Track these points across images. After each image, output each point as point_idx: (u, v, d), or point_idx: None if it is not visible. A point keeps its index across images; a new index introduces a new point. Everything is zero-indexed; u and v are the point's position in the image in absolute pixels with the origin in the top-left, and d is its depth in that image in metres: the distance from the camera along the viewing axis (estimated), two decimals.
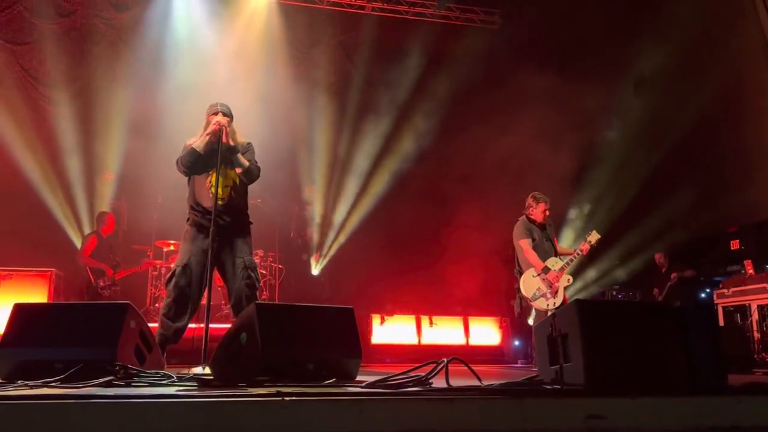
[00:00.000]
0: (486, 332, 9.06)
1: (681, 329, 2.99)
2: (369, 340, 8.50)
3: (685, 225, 9.56)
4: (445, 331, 8.91)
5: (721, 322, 7.95)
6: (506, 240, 6.85)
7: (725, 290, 8.11)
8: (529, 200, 6.58)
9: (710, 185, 9.46)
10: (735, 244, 9.90)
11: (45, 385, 2.71)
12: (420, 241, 10.13)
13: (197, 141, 4.59)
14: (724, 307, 8.04)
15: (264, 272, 8.59)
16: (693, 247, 9.97)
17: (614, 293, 9.90)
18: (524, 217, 6.59)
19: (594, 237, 6.31)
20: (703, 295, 9.42)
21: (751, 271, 7.99)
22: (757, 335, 7.41)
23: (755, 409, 2.59)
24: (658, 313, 3.13)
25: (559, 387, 2.82)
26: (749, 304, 7.63)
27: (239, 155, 4.60)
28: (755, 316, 7.49)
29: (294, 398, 2.19)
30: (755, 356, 7.18)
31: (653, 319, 3.05)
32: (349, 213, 10.34)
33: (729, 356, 6.67)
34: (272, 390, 2.46)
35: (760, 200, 9.42)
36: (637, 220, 9.77)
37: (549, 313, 4.86)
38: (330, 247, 10.22)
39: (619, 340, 2.83)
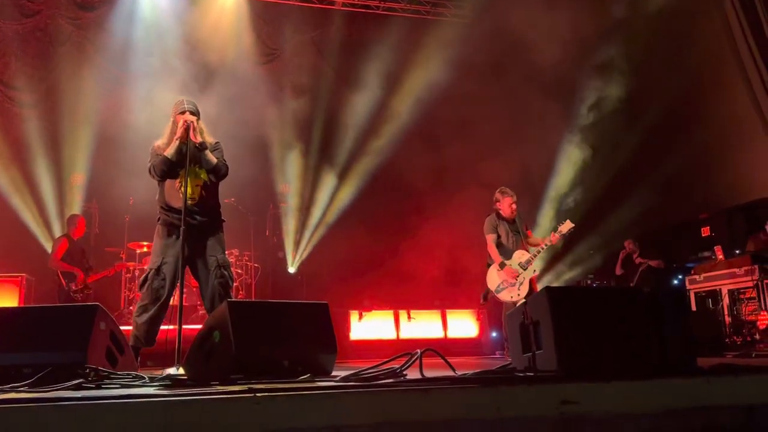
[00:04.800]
0: (463, 325, 9.10)
1: (652, 314, 3.03)
2: (347, 336, 8.48)
3: (654, 214, 9.70)
4: (423, 325, 8.93)
5: (694, 307, 8.09)
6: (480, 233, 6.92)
7: (697, 276, 8.25)
8: (497, 195, 6.76)
9: (681, 173, 9.62)
10: (706, 231, 10.08)
11: (13, 390, 2.65)
12: (396, 236, 10.14)
13: (168, 148, 4.52)
14: (696, 293, 8.17)
15: (240, 271, 8.53)
16: (665, 234, 10.12)
17: (589, 281, 10.03)
18: (494, 212, 6.73)
19: (566, 227, 6.42)
20: (675, 281, 9.57)
21: (721, 257, 8.14)
22: (728, 319, 7.55)
23: (724, 390, 2.64)
24: (629, 299, 3.17)
25: (532, 374, 2.84)
26: (720, 289, 7.76)
27: (207, 152, 4.55)
28: (726, 300, 7.63)
29: (266, 394, 2.18)
30: (726, 339, 7.32)
31: (624, 304, 3.08)
32: (325, 210, 10.31)
33: (701, 340, 6.80)
34: (244, 387, 2.44)
35: (729, 188, 9.61)
36: (609, 209, 9.89)
37: (518, 304, 4.94)
38: (306, 244, 10.18)
39: (590, 325, 2.86)
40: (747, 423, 2.61)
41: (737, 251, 8.31)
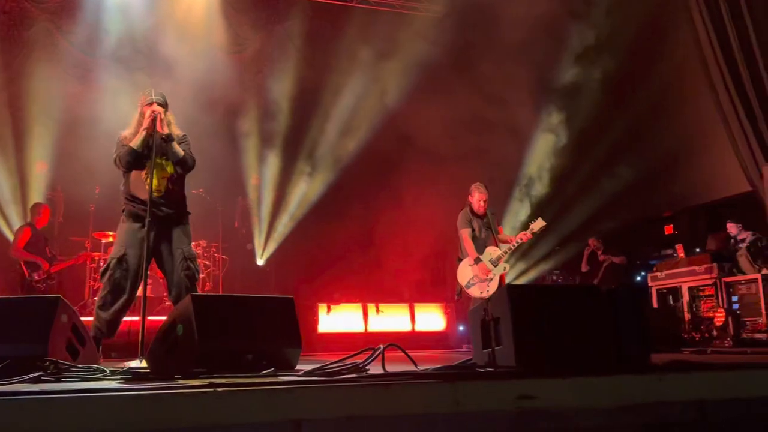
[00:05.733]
0: (431, 318, 9.19)
1: (610, 311, 3.10)
2: (315, 329, 8.50)
3: (619, 211, 9.88)
4: (391, 318, 9.00)
5: (655, 304, 8.27)
6: (452, 228, 6.97)
7: (659, 273, 8.42)
8: (471, 189, 6.78)
9: (646, 172, 9.81)
10: (669, 229, 10.31)
11: None
12: (366, 229, 10.16)
13: (134, 139, 4.47)
14: (657, 290, 8.35)
15: (207, 263, 8.47)
16: (629, 232, 10.31)
17: (554, 277, 10.17)
18: (467, 207, 6.77)
19: (538, 225, 6.48)
20: (638, 278, 9.76)
21: (682, 255, 8.33)
22: (687, 316, 7.74)
23: (676, 386, 2.72)
24: (587, 296, 3.23)
25: (491, 369, 2.90)
26: (680, 286, 7.95)
27: (174, 144, 4.51)
28: (686, 297, 7.82)
29: (227, 389, 2.19)
30: (685, 335, 7.51)
31: (583, 301, 3.14)
32: (295, 202, 10.28)
33: (662, 336, 6.98)
34: (206, 381, 2.44)
35: (692, 187, 9.83)
36: (575, 206, 10.05)
37: None
38: (275, 236, 10.14)
39: (549, 322, 2.91)
40: (698, 418, 2.69)
41: (697, 249, 8.52)
